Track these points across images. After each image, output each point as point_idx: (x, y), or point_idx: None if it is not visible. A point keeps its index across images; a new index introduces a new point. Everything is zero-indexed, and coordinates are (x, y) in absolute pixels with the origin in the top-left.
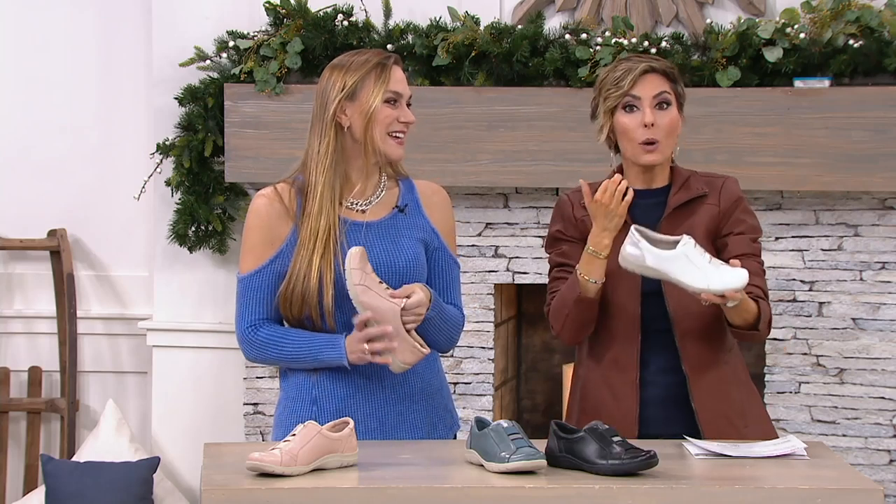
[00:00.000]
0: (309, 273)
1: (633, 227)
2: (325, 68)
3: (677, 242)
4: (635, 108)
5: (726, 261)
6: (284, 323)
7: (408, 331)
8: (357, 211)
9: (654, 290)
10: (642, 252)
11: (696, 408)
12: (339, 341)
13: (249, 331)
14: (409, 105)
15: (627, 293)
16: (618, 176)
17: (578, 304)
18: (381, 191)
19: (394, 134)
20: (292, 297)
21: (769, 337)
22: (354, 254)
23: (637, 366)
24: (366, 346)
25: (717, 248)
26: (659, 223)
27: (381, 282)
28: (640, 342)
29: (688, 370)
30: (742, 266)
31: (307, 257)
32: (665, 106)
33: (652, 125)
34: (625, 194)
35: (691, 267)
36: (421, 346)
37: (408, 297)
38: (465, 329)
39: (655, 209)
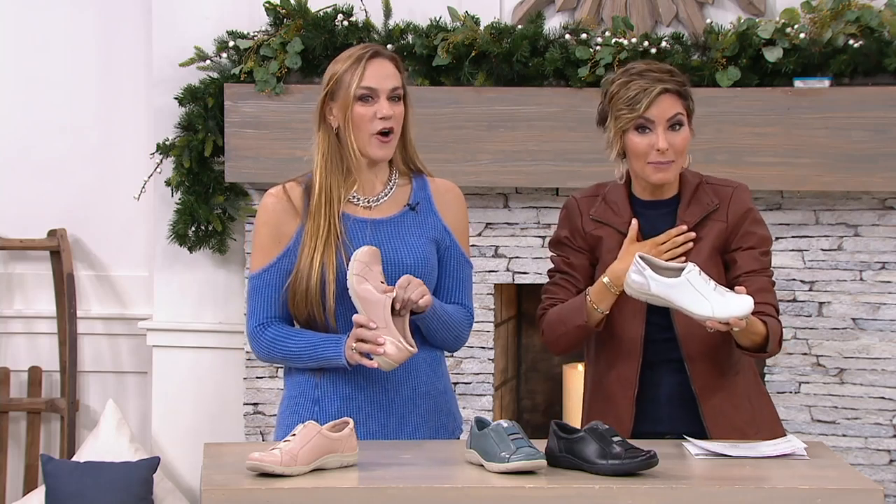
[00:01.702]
0: (311, 270)
1: (637, 255)
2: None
3: (681, 270)
4: (648, 130)
5: (735, 279)
6: (294, 322)
7: (410, 313)
8: (363, 207)
9: (660, 310)
10: (647, 280)
11: (707, 425)
12: (340, 341)
13: (258, 329)
14: (399, 97)
15: (632, 313)
16: (683, 228)
17: (580, 330)
18: (392, 188)
19: (377, 132)
20: (296, 293)
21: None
22: (366, 249)
23: (636, 383)
24: (354, 344)
25: (726, 262)
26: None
27: (382, 281)
28: (641, 361)
29: (697, 391)
30: (751, 283)
31: (310, 254)
32: (678, 127)
33: (666, 150)
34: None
35: (696, 294)
36: (409, 344)
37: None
38: None
39: (664, 219)
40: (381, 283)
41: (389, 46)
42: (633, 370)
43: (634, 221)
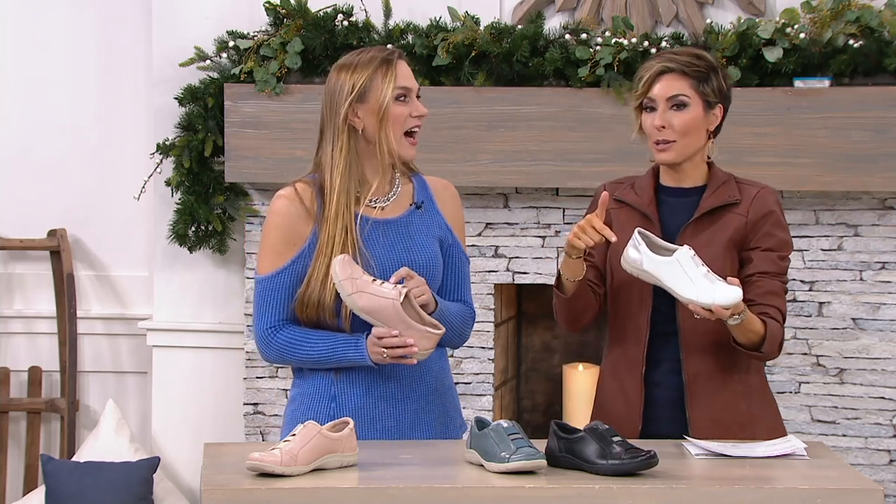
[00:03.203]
0: (326, 278)
1: (637, 231)
2: (332, 69)
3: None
4: (653, 109)
5: (747, 278)
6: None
7: (421, 312)
8: (373, 208)
9: (666, 293)
10: (641, 256)
11: (690, 415)
12: (361, 342)
13: (269, 333)
14: (418, 97)
15: (640, 296)
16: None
17: (557, 297)
18: (397, 188)
19: (409, 131)
20: (308, 301)
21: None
22: (341, 262)
23: (643, 363)
24: (385, 350)
25: (742, 260)
26: (684, 226)
27: (373, 280)
28: (648, 342)
29: (687, 378)
30: (762, 284)
31: (325, 263)
32: (680, 107)
33: (663, 128)
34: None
35: (683, 276)
36: (434, 327)
37: (402, 283)
38: None
39: (685, 208)
40: (374, 281)
41: (389, 46)
42: (639, 352)
43: (605, 193)
